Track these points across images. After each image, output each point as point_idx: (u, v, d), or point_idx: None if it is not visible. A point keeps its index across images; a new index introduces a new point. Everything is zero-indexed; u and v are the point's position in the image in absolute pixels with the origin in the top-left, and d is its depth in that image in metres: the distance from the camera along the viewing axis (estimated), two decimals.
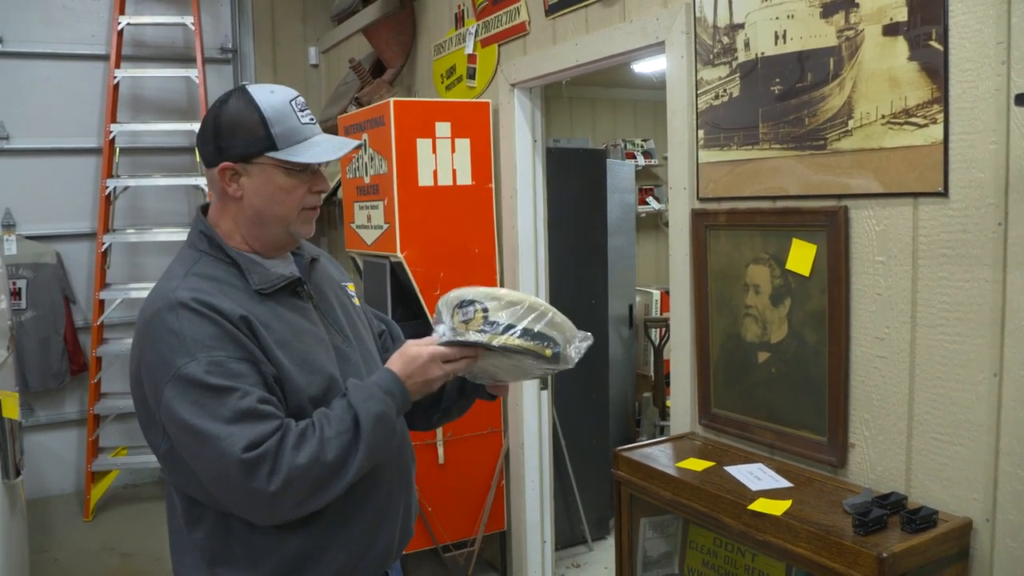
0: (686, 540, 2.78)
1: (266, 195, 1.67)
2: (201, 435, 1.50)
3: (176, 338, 1.54)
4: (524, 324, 1.67)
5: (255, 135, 1.63)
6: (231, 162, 1.65)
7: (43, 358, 5.34)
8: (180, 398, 1.51)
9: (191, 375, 1.51)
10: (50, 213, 5.48)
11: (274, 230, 1.71)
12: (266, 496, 1.49)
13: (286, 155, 1.64)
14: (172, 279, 1.65)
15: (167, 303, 1.58)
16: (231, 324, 1.56)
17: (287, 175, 1.66)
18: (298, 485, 1.51)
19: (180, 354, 1.52)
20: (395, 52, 4.67)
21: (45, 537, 4.87)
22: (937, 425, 2.08)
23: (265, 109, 1.63)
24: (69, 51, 5.47)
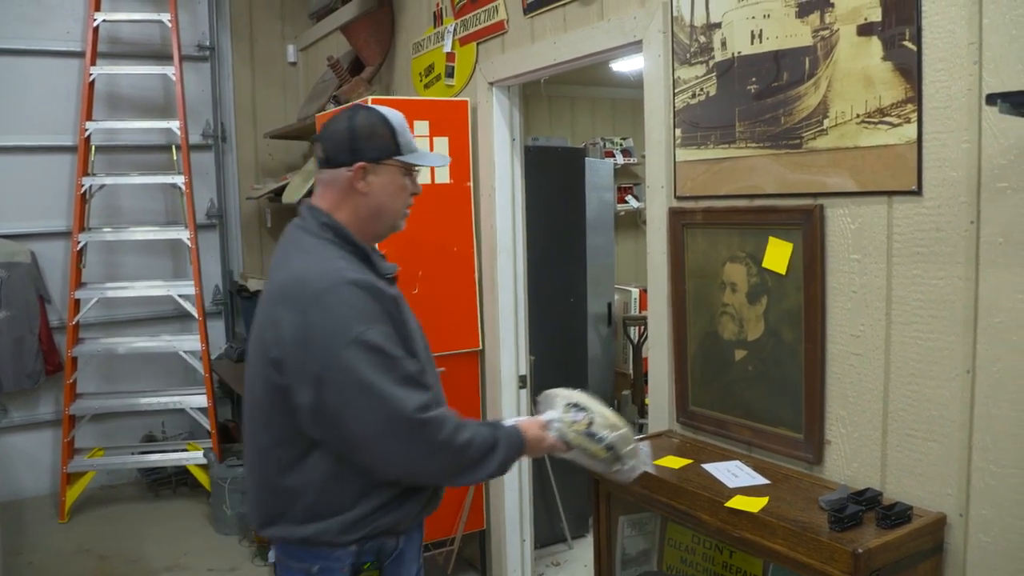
0: (664, 537, 2.79)
1: (389, 191, 2.02)
2: (376, 393, 1.80)
3: (352, 310, 1.84)
4: (614, 442, 2.08)
5: (387, 141, 2.00)
6: (366, 162, 1.98)
7: (17, 358, 5.27)
8: (359, 359, 1.80)
9: (370, 340, 1.82)
10: (24, 211, 5.41)
11: (386, 222, 2.06)
12: (424, 453, 1.85)
13: (410, 159, 2.03)
14: (325, 261, 1.92)
15: (340, 279, 1.87)
16: (387, 303, 1.91)
17: (404, 176, 2.05)
18: (448, 456, 1.87)
19: (358, 322, 1.83)
20: (373, 50, 4.65)
21: (19, 540, 4.81)
22: (911, 422, 2.10)
23: (393, 122, 2.02)
24: (44, 48, 5.41)
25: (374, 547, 1.96)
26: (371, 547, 1.96)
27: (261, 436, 1.97)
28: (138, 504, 5.39)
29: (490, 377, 3.93)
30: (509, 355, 3.89)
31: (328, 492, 1.91)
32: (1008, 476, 1.91)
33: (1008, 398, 1.89)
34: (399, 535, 2.01)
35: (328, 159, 2.01)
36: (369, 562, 1.96)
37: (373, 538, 1.95)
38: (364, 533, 1.93)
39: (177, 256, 5.85)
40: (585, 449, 2.08)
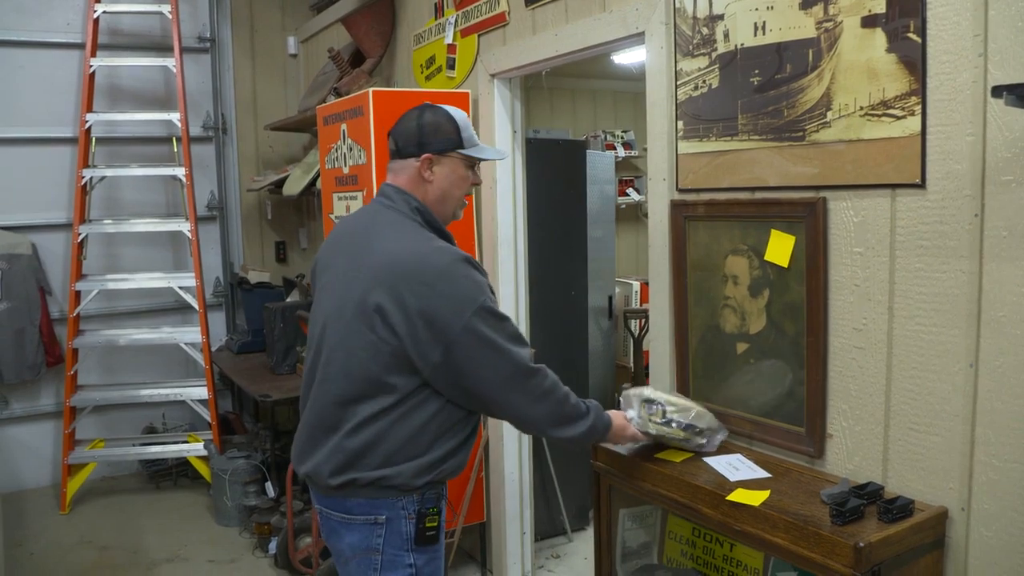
0: (665, 530, 2.79)
1: (452, 180, 2.27)
2: (499, 348, 2.10)
3: (473, 282, 2.12)
4: (689, 423, 2.45)
5: (451, 136, 2.25)
6: (432, 153, 2.23)
7: (18, 350, 5.27)
8: (484, 322, 2.09)
9: (489, 307, 2.11)
10: (25, 203, 5.40)
11: (449, 208, 2.31)
12: (532, 398, 2.15)
13: (471, 152, 2.28)
14: (430, 240, 2.20)
15: (456, 257, 2.15)
16: (486, 275, 2.19)
17: (466, 167, 2.29)
18: (551, 400, 2.18)
19: (479, 293, 2.11)
20: (374, 42, 4.64)
21: (20, 531, 4.83)
22: (914, 415, 2.10)
23: (457, 119, 2.27)
24: (44, 39, 5.39)
25: (434, 494, 2.20)
26: (432, 494, 2.19)
27: (342, 390, 2.16)
28: (139, 495, 5.39)
29: None
30: None
31: (409, 441, 2.13)
32: (1010, 470, 1.90)
33: (1011, 392, 1.89)
34: (444, 484, 2.26)
35: (399, 151, 2.27)
36: (433, 507, 2.20)
37: (435, 485, 2.19)
38: (431, 478, 2.16)
39: (178, 248, 5.85)
40: (666, 435, 2.44)
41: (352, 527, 2.18)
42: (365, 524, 2.16)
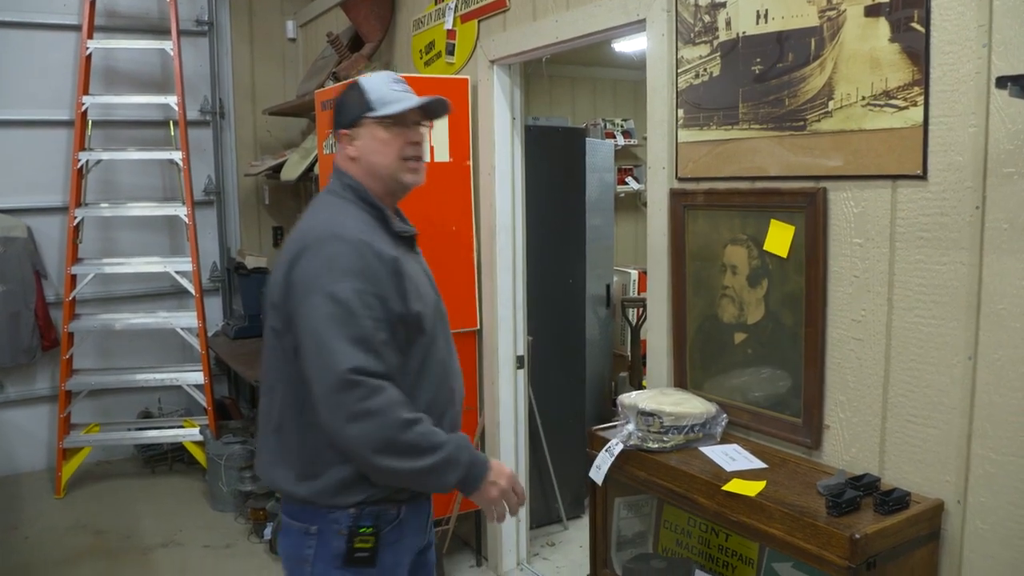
0: (660, 520, 2.79)
1: (372, 149, 2.05)
2: (323, 344, 1.84)
3: (332, 262, 1.89)
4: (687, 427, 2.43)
5: (358, 104, 2.06)
6: (345, 128, 2.07)
7: (13, 333, 5.25)
8: (319, 309, 1.85)
9: (336, 294, 1.85)
10: (20, 186, 5.37)
11: (385, 180, 2.07)
12: (346, 411, 1.81)
13: (381, 111, 2.03)
14: (331, 216, 2.01)
15: (330, 234, 1.93)
16: (379, 262, 1.92)
17: (384, 129, 2.04)
18: (372, 425, 1.82)
19: (332, 275, 1.87)
20: (374, 26, 4.61)
21: (15, 514, 4.82)
22: (911, 407, 2.09)
23: (365, 84, 2.08)
24: (40, 20, 5.34)
25: (373, 512, 1.97)
26: (370, 512, 1.96)
27: (270, 385, 2.05)
28: (134, 480, 5.38)
29: (487, 357, 3.92)
30: (507, 335, 3.87)
31: (322, 447, 1.93)
32: (1007, 463, 1.90)
33: (1009, 385, 1.88)
34: (400, 503, 2.01)
35: (334, 135, 2.15)
36: (366, 527, 1.97)
37: (373, 503, 1.96)
38: (361, 498, 1.94)
39: (174, 232, 5.82)
40: (668, 446, 2.40)
41: (288, 532, 2.04)
42: (298, 532, 2.00)
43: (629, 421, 2.48)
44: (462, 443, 1.95)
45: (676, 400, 2.51)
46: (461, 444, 1.94)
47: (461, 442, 1.95)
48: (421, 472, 1.87)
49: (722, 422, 2.51)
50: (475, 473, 1.94)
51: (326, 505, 1.95)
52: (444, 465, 1.89)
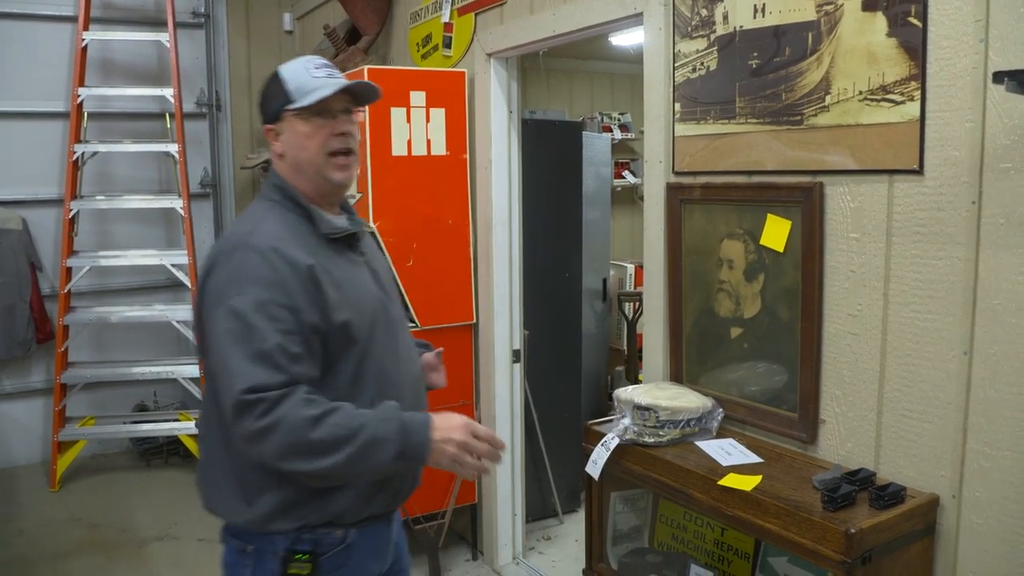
0: (656, 514, 2.79)
1: (294, 144, 1.89)
2: (225, 362, 1.70)
3: (237, 274, 1.75)
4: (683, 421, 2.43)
5: (278, 95, 1.89)
6: (269, 124, 1.93)
7: (8, 326, 5.24)
8: (221, 325, 1.72)
9: (236, 307, 1.71)
10: (15, 178, 5.35)
11: (311, 177, 1.90)
12: (246, 433, 1.67)
13: (297, 103, 1.86)
14: (246, 224, 1.88)
15: (239, 243, 1.79)
16: (292, 271, 1.76)
17: (305, 122, 1.87)
18: (276, 437, 1.65)
19: (234, 287, 1.73)
20: (370, 19, 4.59)
21: (10, 507, 4.81)
22: (907, 402, 2.09)
23: (283, 73, 1.91)
24: (35, 11, 5.32)
25: (312, 538, 1.83)
26: (309, 537, 1.82)
27: (204, 401, 1.94)
28: (129, 473, 5.38)
29: (484, 351, 3.92)
30: (503, 329, 3.87)
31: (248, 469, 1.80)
32: (1002, 458, 1.90)
33: (1005, 380, 1.88)
34: (347, 527, 1.86)
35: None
36: (302, 553, 1.82)
37: (312, 528, 1.82)
38: (297, 524, 1.80)
39: (170, 225, 5.80)
40: (664, 440, 2.40)
41: (228, 548, 1.93)
42: (236, 550, 1.89)
43: (625, 415, 2.48)
44: (386, 415, 1.73)
45: (672, 394, 2.51)
46: (385, 416, 1.73)
47: (385, 414, 1.73)
48: (348, 463, 1.67)
49: (718, 416, 2.51)
50: (415, 440, 1.72)
51: (261, 532, 1.83)
52: (370, 446, 1.68)
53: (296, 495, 1.79)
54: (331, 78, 1.90)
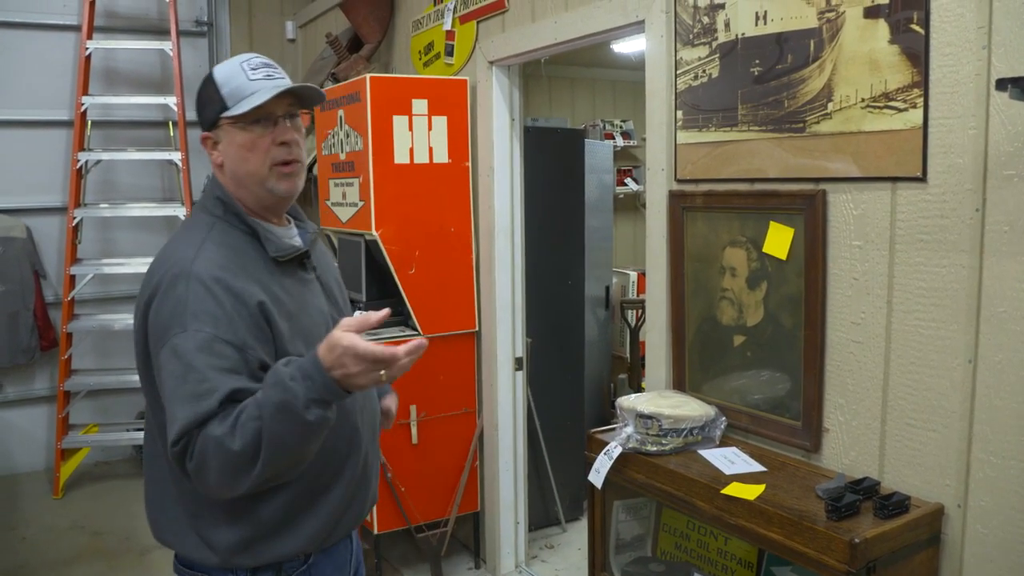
0: (659, 523, 2.78)
1: (233, 155, 1.73)
2: (166, 405, 1.59)
3: (180, 307, 1.59)
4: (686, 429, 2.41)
5: (213, 101, 1.72)
6: (205, 131, 1.76)
7: (12, 333, 5.25)
8: (166, 363, 1.58)
9: (178, 346, 1.57)
10: (19, 186, 5.36)
11: (255, 189, 1.75)
12: (191, 477, 1.57)
13: (232, 111, 1.69)
14: (186, 246, 1.69)
15: (183, 272, 1.63)
16: (240, 305, 1.61)
17: (243, 131, 1.71)
18: (212, 469, 1.52)
19: (178, 323, 1.58)
20: (373, 27, 4.60)
21: (13, 515, 4.81)
22: (911, 411, 2.08)
23: (216, 75, 1.74)
24: (40, 21, 5.34)
25: (275, 566, 1.74)
26: (271, 566, 1.74)
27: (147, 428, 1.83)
28: (132, 481, 5.36)
29: (486, 359, 3.91)
30: (506, 337, 3.87)
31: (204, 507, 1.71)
32: (1008, 467, 1.89)
33: (1009, 388, 1.87)
34: (308, 553, 1.78)
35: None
36: None
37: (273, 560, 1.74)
38: (262, 562, 1.72)
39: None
40: (666, 449, 2.39)
41: None
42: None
43: (628, 424, 2.47)
44: (273, 379, 1.53)
45: (675, 403, 2.50)
46: (274, 381, 1.53)
47: (271, 379, 1.54)
48: (276, 445, 1.51)
49: (721, 425, 2.50)
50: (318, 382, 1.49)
51: (221, 568, 1.74)
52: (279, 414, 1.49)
53: (254, 532, 1.70)
54: (269, 79, 1.72)
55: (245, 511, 1.69)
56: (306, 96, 1.79)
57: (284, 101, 1.73)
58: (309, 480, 1.72)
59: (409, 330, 3.78)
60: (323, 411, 1.51)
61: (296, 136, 1.76)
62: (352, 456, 1.81)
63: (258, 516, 1.69)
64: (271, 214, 1.81)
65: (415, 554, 4.11)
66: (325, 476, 1.76)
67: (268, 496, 1.68)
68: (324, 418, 1.52)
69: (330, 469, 1.76)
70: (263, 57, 1.78)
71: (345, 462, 1.80)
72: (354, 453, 1.81)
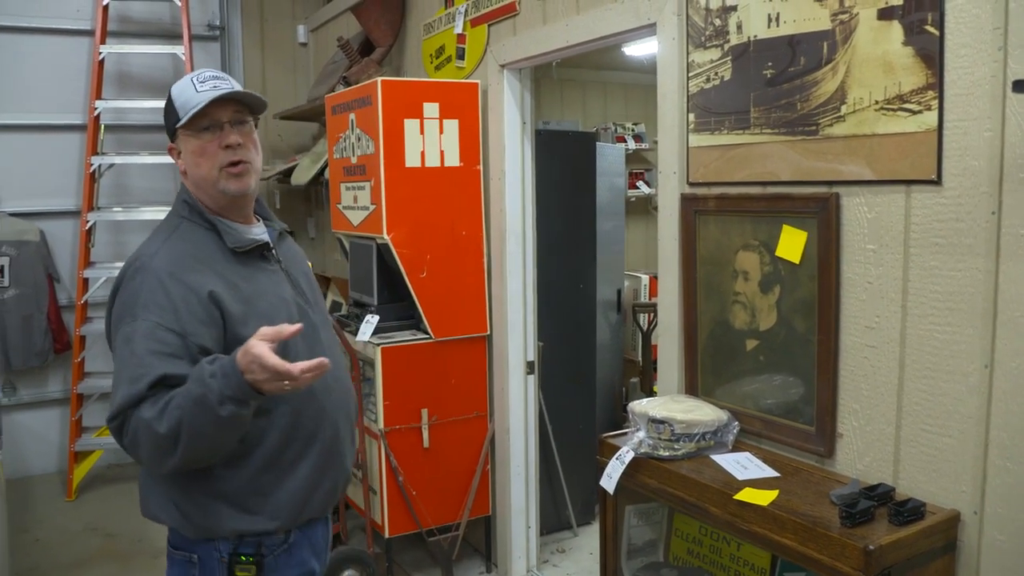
0: (671, 528, 2.77)
1: (190, 161, 1.91)
2: (112, 384, 1.77)
3: (132, 298, 1.78)
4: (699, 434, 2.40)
5: (171, 114, 1.91)
6: (171, 142, 1.96)
7: (26, 336, 5.28)
8: (117, 348, 1.78)
9: (126, 333, 1.76)
10: (33, 190, 5.40)
11: (210, 192, 1.91)
12: (126, 449, 1.77)
13: (182, 120, 1.86)
14: (153, 243, 1.89)
15: (142, 267, 1.82)
16: (190, 294, 1.78)
17: (194, 139, 1.89)
18: (143, 446, 1.72)
19: (130, 313, 1.77)
20: (384, 31, 4.61)
21: (26, 517, 4.83)
22: (926, 416, 2.06)
23: (172, 90, 1.92)
24: (54, 26, 5.37)
25: (255, 540, 1.88)
26: (252, 539, 1.88)
27: None
28: None
29: (498, 362, 3.90)
30: (517, 340, 3.86)
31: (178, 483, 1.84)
32: None
33: None
34: (289, 530, 1.92)
35: None
36: (247, 555, 1.87)
37: (254, 535, 1.87)
38: (238, 533, 1.86)
39: None
40: (679, 454, 2.37)
41: (172, 561, 1.94)
42: (182, 562, 1.91)
43: (640, 428, 2.46)
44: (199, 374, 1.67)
45: (687, 407, 2.49)
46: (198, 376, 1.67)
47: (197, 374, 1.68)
48: (194, 433, 1.66)
49: (734, 430, 2.48)
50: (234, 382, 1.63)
51: (204, 539, 1.87)
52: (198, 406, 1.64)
53: (223, 506, 1.84)
54: (215, 89, 1.87)
55: (214, 486, 1.83)
56: (251, 103, 1.95)
57: (229, 108, 1.90)
58: (273, 458, 1.86)
59: (421, 334, 3.78)
60: (236, 407, 1.65)
61: (241, 139, 1.90)
62: (318, 436, 1.92)
63: (225, 491, 1.83)
64: (232, 213, 1.96)
65: (427, 558, 4.11)
66: (290, 454, 1.88)
67: (233, 472, 1.83)
68: (237, 413, 1.66)
69: (294, 448, 1.89)
70: (214, 71, 1.96)
71: (311, 442, 1.91)
72: (320, 433, 1.93)
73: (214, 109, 1.86)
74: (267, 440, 1.84)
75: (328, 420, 1.95)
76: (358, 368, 3.87)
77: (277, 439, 1.85)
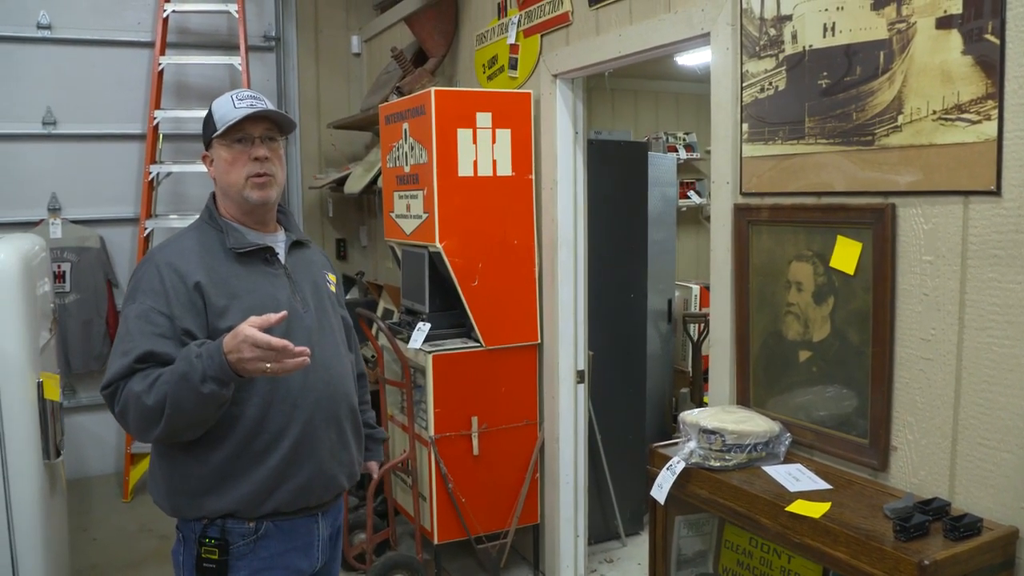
0: (721, 539, 2.75)
1: (221, 170, 2.12)
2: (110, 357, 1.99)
3: (135, 284, 2.04)
4: (750, 445, 2.38)
5: (209, 125, 2.12)
6: (206, 150, 2.16)
7: (85, 340, 5.41)
8: (119, 327, 2.01)
9: (126, 313, 2.00)
10: (94, 198, 5.53)
11: (235, 198, 2.12)
12: (116, 416, 1.95)
13: (219, 131, 2.07)
14: (171, 241, 2.14)
15: (149, 256, 2.09)
16: (180, 283, 1.99)
17: (227, 149, 2.09)
18: (130, 415, 1.90)
19: (131, 296, 2.02)
20: (437, 41, 4.65)
21: (85, 517, 4.94)
22: (984, 430, 2.03)
23: (213, 105, 2.13)
24: (115, 38, 5.52)
25: (220, 525, 2.02)
26: (219, 524, 2.02)
27: None
28: None
29: (548, 371, 3.91)
30: (568, 350, 3.86)
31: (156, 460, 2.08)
32: None
33: None
34: (260, 519, 2.04)
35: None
36: (211, 538, 2.01)
37: (220, 517, 2.02)
38: (199, 515, 2.02)
39: None
40: (730, 465, 2.36)
41: (176, 540, 2.13)
42: (178, 539, 2.11)
43: (691, 439, 2.45)
44: (186, 354, 1.86)
45: (739, 418, 2.47)
46: (185, 355, 1.86)
47: (185, 354, 1.86)
48: (177, 407, 1.84)
49: (786, 441, 2.46)
50: (216, 362, 1.81)
51: (184, 518, 2.06)
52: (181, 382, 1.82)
53: (196, 486, 2.00)
54: (251, 107, 2.07)
55: (192, 469, 2.00)
56: (282, 122, 2.16)
57: (261, 125, 2.10)
58: (242, 446, 2.00)
59: (472, 342, 3.80)
60: (217, 387, 1.82)
61: (268, 154, 2.11)
62: (289, 431, 2.04)
63: (200, 474, 2.00)
64: (254, 220, 2.17)
65: (475, 565, 4.12)
66: (258, 444, 2.01)
67: (208, 455, 1.99)
68: (217, 392, 1.83)
69: (263, 440, 2.01)
70: (253, 91, 2.16)
71: (281, 436, 2.03)
72: (291, 429, 2.04)
73: (248, 124, 2.07)
74: (238, 428, 1.99)
75: (302, 417, 2.06)
76: (409, 375, 3.90)
77: (247, 429, 2.00)
